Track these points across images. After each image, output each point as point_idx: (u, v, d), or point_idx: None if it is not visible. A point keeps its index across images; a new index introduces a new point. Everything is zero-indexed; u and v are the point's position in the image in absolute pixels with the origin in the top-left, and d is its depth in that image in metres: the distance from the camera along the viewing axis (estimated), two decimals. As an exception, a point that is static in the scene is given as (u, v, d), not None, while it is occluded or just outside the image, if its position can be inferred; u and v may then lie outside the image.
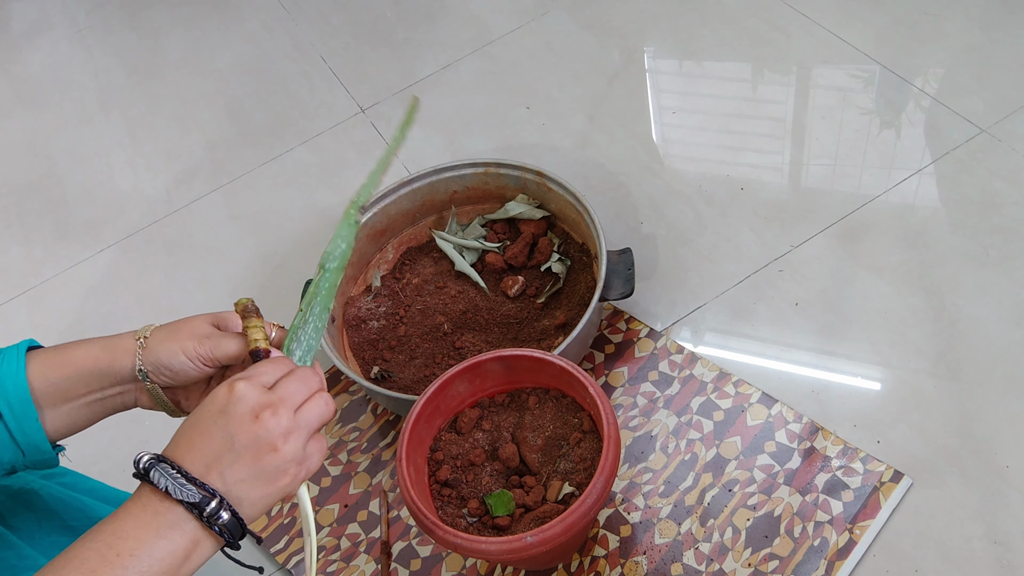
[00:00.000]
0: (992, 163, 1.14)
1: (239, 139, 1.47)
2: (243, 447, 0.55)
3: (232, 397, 0.56)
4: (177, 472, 0.54)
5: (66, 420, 0.66)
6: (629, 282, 0.99)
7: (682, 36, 1.41)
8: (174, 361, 0.65)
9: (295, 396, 0.59)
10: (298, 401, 0.59)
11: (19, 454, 0.65)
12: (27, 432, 0.64)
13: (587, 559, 0.90)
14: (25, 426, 0.63)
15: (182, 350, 0.64)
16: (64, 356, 0.66)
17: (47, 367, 0.65)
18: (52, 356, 0.66)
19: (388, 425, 1.06)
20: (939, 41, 1.30)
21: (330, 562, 0.96)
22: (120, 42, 1.71)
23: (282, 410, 0.57)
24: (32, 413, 0.63)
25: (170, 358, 0.64)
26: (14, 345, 0.66)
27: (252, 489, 0.56)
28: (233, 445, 0.55)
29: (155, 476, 0.54)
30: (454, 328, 1.09)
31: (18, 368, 0.64)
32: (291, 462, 0.57)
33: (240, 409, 0.56)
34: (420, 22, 1.57)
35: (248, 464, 0.56)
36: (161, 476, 0.54)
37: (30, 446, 0.64)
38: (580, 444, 0.87)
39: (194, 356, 0.64)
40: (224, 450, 0.55)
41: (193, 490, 0.54)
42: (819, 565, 0.86)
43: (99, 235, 1.38)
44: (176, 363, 0.65)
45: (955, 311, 1.01)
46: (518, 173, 1.13)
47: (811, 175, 1.19)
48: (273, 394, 0.57)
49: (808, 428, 0.95)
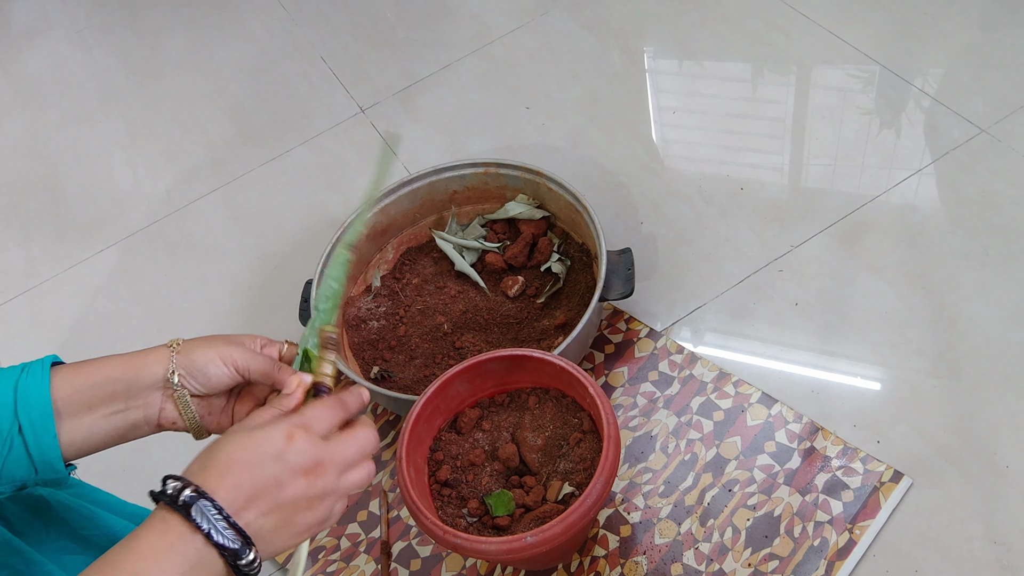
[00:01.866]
0: (992, 163, 1.14)
1: (239, 139, 1.47)
2: (287, 500, 0.54)
3: (292, 447, 0.54)
4: (219, 514, 0.51)
5: (84, 433, 0.64)
6: (629, 282, 0.99)
7: (682, 36, 1.41)
8: (209, 365, 0.64)
9: (347, 458, 0.58)
10: (348, 464, 0.58)
11: (32, 471, 0.64)
12: (44, 449, 0.63)
13: (587, 559, 0.90)
14: (43, 442, 0.62)
15: (219, 355, 0.64)
16: (91, 365, 0.65)
17: (73, 374, 0.64)
18: (79, 366, 0.65)
19: (388, 425, 1.06)
20: (939, 41, 1.30)
21: (330, 562, 0.96)
22: (120, 42, 1.71)
23: (331, 472, 0.56)
24: (51, 429, 0.62)
25: (206, 362, 0.64)
26: (39, 360, 0.65)
27: (275, 538, 0.55)
28: (278, 496, 0.54)
29: (196, 515, 0.51)
30: (454, 328, 1.09)
31: (42, 381, 0.63)
32: (314, 525, 0.56)
33: (297, 461, 0.54)
34: (420, 22, 1.57)
35: (284, 516, 0.54)
36: (204, 518, 0.51)
37: (44, 463, 0.63)
38: (580, 444, 0.87)
39: (229, 361, 0.64)
40: (268, 497, 0.53)
41: (232, 535, 0.52)
42: (819, 565, 0.86)
43: (99, 235, 1.38)
44: (211, 368, 0.64)
45: (955, 311, 1.01)
46: (518, 173, 1.13)
47: (811, 175, 1.19)
48: (327, 450, 0.56)
49: (808, 428, 0.95)
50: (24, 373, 0.64)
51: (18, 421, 0.62)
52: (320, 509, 0.56)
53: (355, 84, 1.50)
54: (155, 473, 1.05)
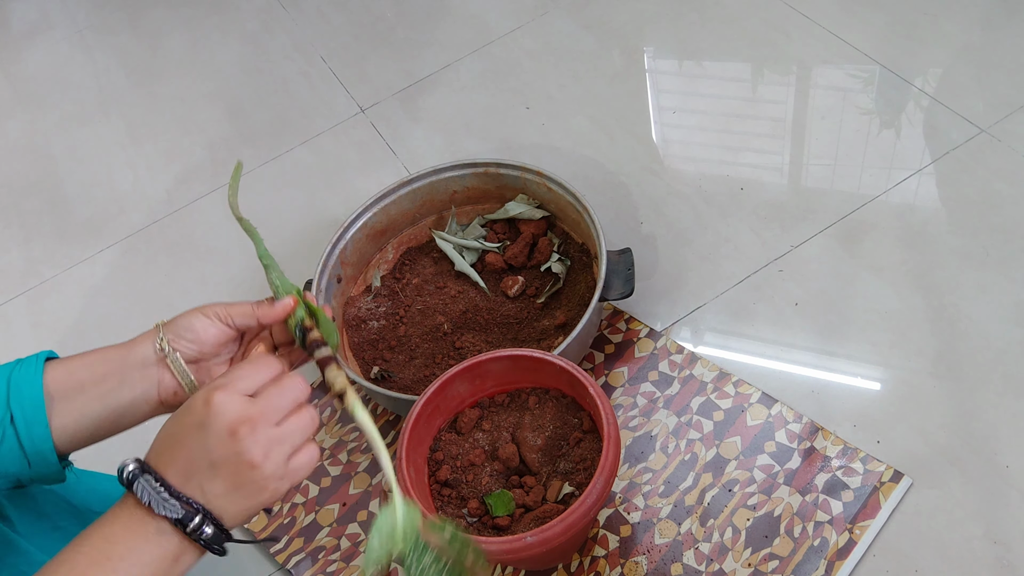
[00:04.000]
0: (992, 163, 1.14)
1: (239, 139, 1.47)
2: (221, 463, 0.54)
3: (210, 411, 0.55)
4: (160, 485, 0.54)
5: (76, 416, 0.64)
6: (629, 282, 0.99)
7: (682, 36, 1.41)
8: (194, 322, 0.66)
9: (277, 409, 0.57)
10: (280, 414, 0.57)
11: (25, 464, 0.64)
12: (35, 439, 0.63)
13: (587, 559, 0.90)
14: (34, 432, 0.62)
15: (200, 312, 0.66)
16: (86, 352, 0.67)
17: (68, 360, 0.66)
18: (73, 356, 0.67)
19: (388, 425, 1.06)
20: (939, 41, 1.30)
21: (330, 562, 0.96)
22: (120, 42, 1.71)
23: (261, 425, 0.55)
24: (43, 420, 0.63)
25: (190, 320, 0.66)
26: (33, 355, 0.66)
27: (232, 503, 0.55)
28: (211, 460, 0.54)
29: (138, 489, 0.54)
30: (454, 328, 1.09)
31: (35, 372, 0.64)
32: (271, 478, 0.56)
33: (217, 424, 0.54)
34: (420, 22, 1.57)
35: (227, 479, 0.55)
36: (144, 490, 0.54)
37: (36, 454, 0.63)
38: (580, 444, 0.87)
39: (211, 313, 0.66)
40: (202, 464, 0.54)
41: (176, 505, 0.53)
42: (819, 565, 0.86)
43: (99, 235, 1.38)
44: (197, 323, 0.66)
45: (955, 311, 1.01)
46: (518, 173, 1.13)
47: (811, 175, 1.19)
48: (253, 406, 0.56)
49: (808, 428, 0.95)
50: (18, 366, 0.65)
51: (10, 411, 0.62)
52: (268, 466, 0.55)
53: (355, 84, 1.50)
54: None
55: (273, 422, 0.56)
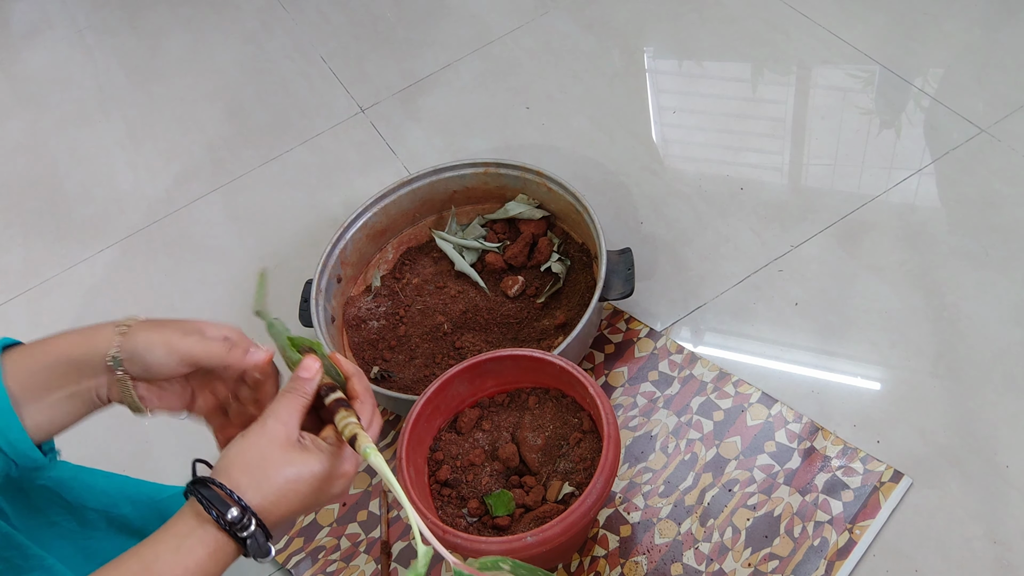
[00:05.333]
0: (992, 163, 1.14)
1: (239, 139, 1.47)
2: (313, 505, 0.61)
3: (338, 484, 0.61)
4: (262, 533, 0.57)
5: (47, 414, 0.63)
6: (629, 282, 0.99)
7: (682, 36, 1.41)
8: (152, 352, 0.61)
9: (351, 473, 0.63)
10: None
11: (11, 465, 0.63)
12: (13, 442, 0.62)
13: (587, 559, 0.90)
14: (11, 436, 0.61)
15: (164, 343, 0.61)
16: (44, 346, 0.63)
17: (26, 357, 0.63)
18: (31, 348, 0.64)
19: (388, 425, 1.06)
20: (939, 41, 1.30)
21: (330, 562, 0.96)
22: (120, 42, 1.71)
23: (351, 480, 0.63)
24: (16, 424, 0.61)
25: (149, 347, 0.61)
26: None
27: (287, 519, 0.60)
28: (309, 507, 0.60)
29: (251, 543, 0.56)
30: (454, 328, 1.09)
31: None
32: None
33: (334, 494, 0.61)
34: (420, 22, 1.57)
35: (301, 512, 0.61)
36: (255, 543, 0.56)
37: (20, 454, 0.63)
38: (580, 444, 0.87)
39: (175, 351, 0.61)
40: (301, 509, 0.60)
41: (266, 547, 0.57)
42: (819, 565, 0.86)
43: (99, 235, 1.38)
44: (152, 356, 0.61)
45: (955, 311, 1.01)
46: (518, 173, 1.13)
47: (811, 175, 1.19)
48: (350, 479, 0.63)
49: (808, 428, 0.95)
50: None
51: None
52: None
53: (355, 84, 1.50)
54: (156, 474, 1.05)
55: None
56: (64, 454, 0.86)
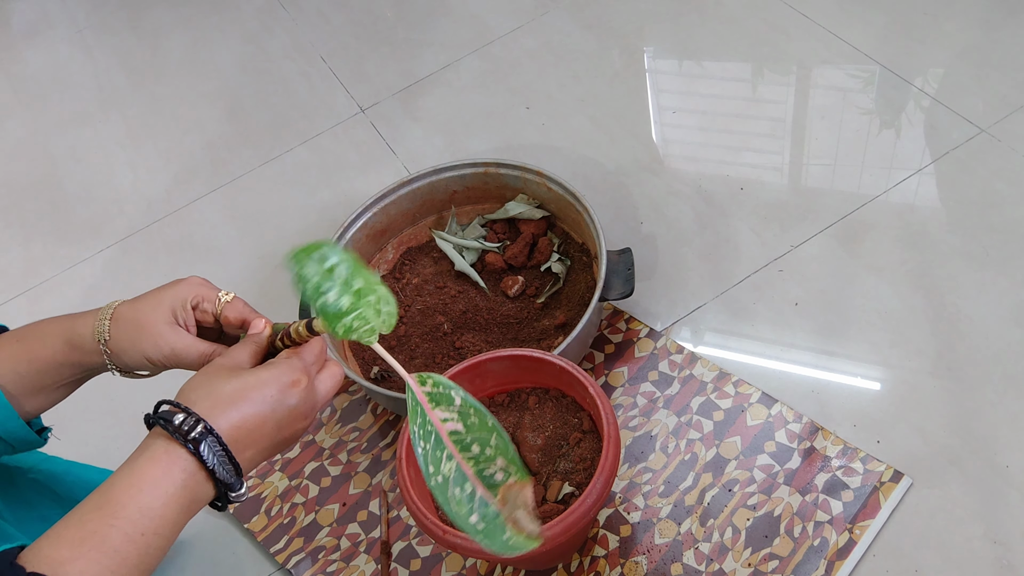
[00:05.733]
0: (992, 163, 1.14)
1: (239, 139, 1.47)
2: (280, 440, 0.58)
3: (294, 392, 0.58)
4: (222, 450, 0.54)
5: (43, 402, 0.67)
6: (629, 282, 0.99)
7: (682, 36, 1.41)
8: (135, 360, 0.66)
9: (325, 397, 0.61)
10: (325, 402, 0.62)
11: (9, 448, 0.66)
12: (12, 431, 0.65)
13: (587, 559, 0.90)
14: (9, 426, 0.64)
15: (146, 358, 0.65)
16: (31, 349, 0.65)
17: (15, 361, 0.64)
18: (19, 349, 0.65)
19: (388, 425, 1.06)
20: (939, 41, 1.30)
21: (330, 562, 0.96)
22: (120, 42, 1.71)
23: (315, 412, 0.60)
24: (12, 413, 0.64)
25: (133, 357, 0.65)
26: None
27: (252, 467, 0.59)
28: (275, 437, 0.58)
29: (205, 450, 0.53)
30: (454, 328, 1.09)
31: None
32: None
33: (299, 408, 0.58)
34: (420, 22, 1.57)
35: (270, 452, 0.58)
36: (211, 453, 0.54)
37: (19, 441, 0.66)
38: (580, 444, 0.87)
39: (157, 359, 0.65)
40: (267, 438, 0.57)
41: (231, 470, 0.55)
42: (819, 565, 0.86)
43: (99, 235, 1.38)
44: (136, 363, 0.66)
45: (955, 311, 1.01)
46: (518, 173, 1.13)
47: (811, 175, 1.19)
48: (316, 395, 0.60)
49: (808, 428, 0.95)
50: None
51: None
52: (293, 440, 0.60)
53: (355, 84, 1.50)
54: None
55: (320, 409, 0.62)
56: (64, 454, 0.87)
